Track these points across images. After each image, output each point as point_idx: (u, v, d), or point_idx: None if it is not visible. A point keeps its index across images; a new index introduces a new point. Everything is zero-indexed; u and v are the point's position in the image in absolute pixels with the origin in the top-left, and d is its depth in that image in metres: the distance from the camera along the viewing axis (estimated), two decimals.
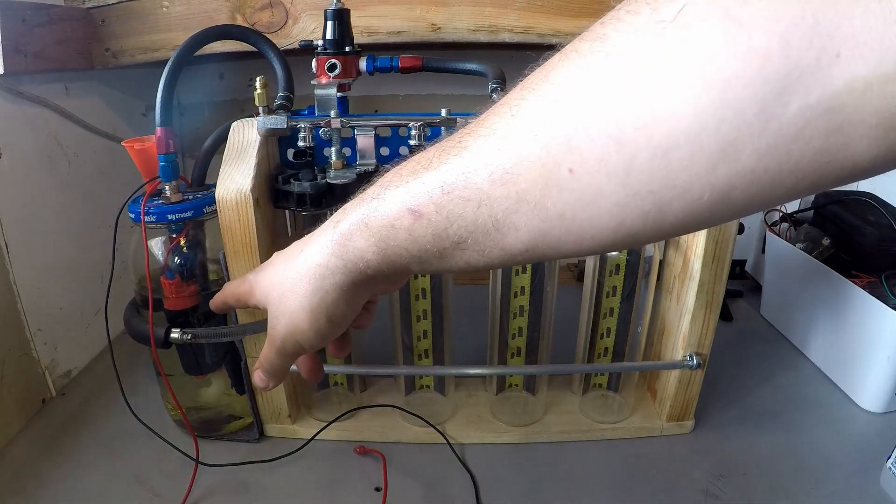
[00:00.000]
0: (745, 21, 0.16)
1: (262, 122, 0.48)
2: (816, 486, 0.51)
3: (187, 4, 0.67)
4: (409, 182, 0.24)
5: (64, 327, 0.65)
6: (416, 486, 0.52)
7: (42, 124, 0.63)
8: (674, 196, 0.19)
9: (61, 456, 0.55)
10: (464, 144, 0.23)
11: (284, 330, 0.31)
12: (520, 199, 0.21)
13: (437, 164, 0.24)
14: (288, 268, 0.30)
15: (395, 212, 0.25)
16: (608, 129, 0.19)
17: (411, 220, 0.24)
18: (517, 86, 0.23)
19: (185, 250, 0.51)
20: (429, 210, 0.24)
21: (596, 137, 0.19)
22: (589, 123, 0.19)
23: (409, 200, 0.24)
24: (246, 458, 0.54)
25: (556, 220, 0.21)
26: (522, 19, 0.65)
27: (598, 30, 0.20)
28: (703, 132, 0.17)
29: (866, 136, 0.16)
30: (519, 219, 0.22)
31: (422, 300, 0.54)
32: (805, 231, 0.77)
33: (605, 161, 0.19)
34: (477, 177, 0.22)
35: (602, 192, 0.20)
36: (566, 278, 0.94)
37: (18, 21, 0.57)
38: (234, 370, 0.54)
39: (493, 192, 0.22)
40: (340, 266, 0.28)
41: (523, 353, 0.57)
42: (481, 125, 0.23)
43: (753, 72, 0.16)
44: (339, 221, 0.28)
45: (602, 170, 0.19)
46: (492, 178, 0.22)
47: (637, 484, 0.52)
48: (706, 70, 0.17)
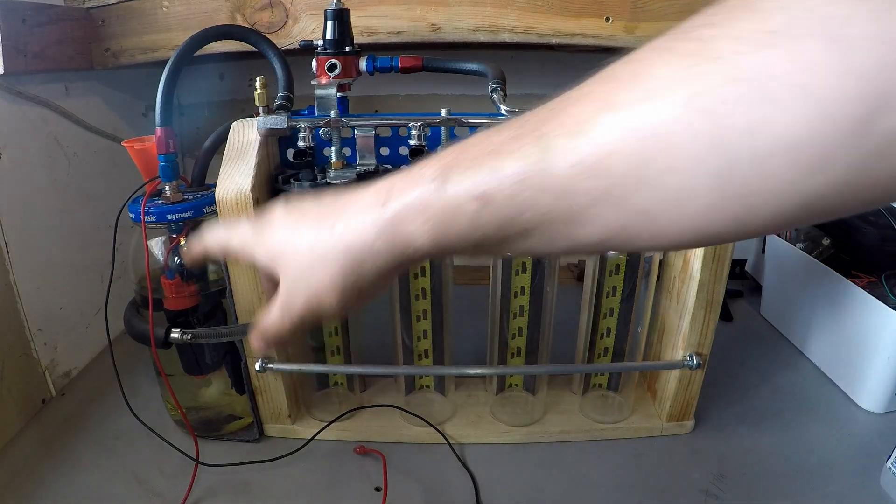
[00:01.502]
0: (850, 41, 0.16)
1: (262, 122, 0.48)
2: (816, 486, 0.51)
3: (187, 4, 0.67)
4: (478, 167, 0.23)
5: (64, 327, 0.65)
6: (416, 486, 0.52)
7: (42, 124, 0.63)
8: (764, 202, 0.19)
9: (61, 456, 0.55)
10: (542, 132, 0.22)
11: (307, 303, 0.29)
12: (604, 193, 0.21)
13: (510, 149, 0.22)
14: (317, 239, 0.28)
15: (459, 198, 0.23)
16: (711, 132, 0.18)
17: (478, 207, 0.23)
18: (597, 78, 0.22)
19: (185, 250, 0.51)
20: (499, 198, 0.22)
21: (697, 138, 0.19)
22: (691, 124, 0.19)
23: (477, 187, 0.23)
24: (246, 458, 0.54)
25: (639, 217, 0.21)
26: (522, 19, 0.65)
27: (696, 31, 0.19)
28: (801, 143, 0.18)
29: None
30: (598, 212, 0.21)
31: (422, 300, 0.54)
32: (805, 231, 0.77)
33: (704, 163, 0.19)
34: (559, 167, 0.21)
35: (694, 193, 0.19)
36: (566, 278, 0.94)
37: (18, 21, 0.57)
38: (234, 370, 0.54)
39: (575, 185, 0.21)
40: (386, 250, 0.26)
41: (523, 353, 0.57)
42: (562, 113, 0.22)
43: (854, 90, 0.16)
44: (387, 202, 0.25)
45: (700, 171, 0.19)
46: (576, 170, 0.21)
47: (637, 484, 0.52)
48: (810, 84, 0.17)
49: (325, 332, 0.57)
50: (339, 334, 0.57)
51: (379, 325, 0.58)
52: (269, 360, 0.52)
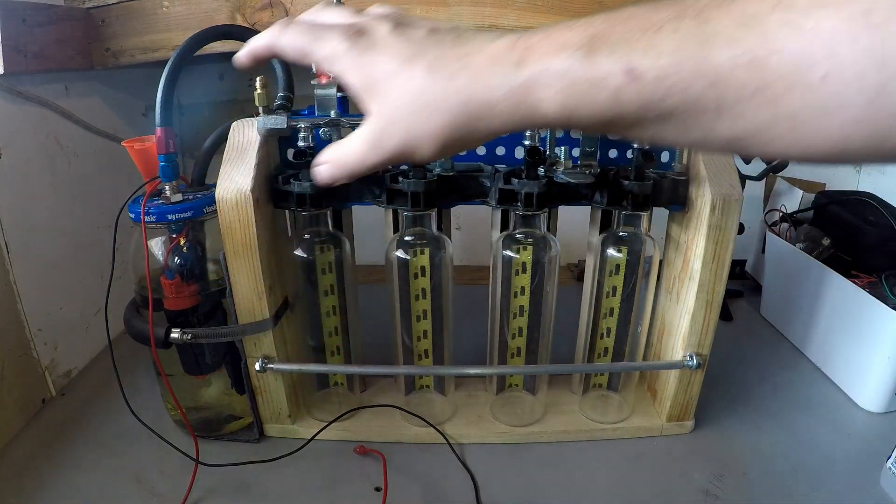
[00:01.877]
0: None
1: (262, 122, 0.48)
2: (816, 486, 0.51)
3: (187, 4, 0.67)
4: (632, 41, 0.22)
5: (64, 327, 0.65)
6: (416, 486, 0.52)
7: (42, 124, 0.63)
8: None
9: (61, 456, 0.55)
10: (706, 17, 0.21)
11: (401, 147, 0.27)
12: (758, 90, 0.20)
13: (672, 28, 0.21)
14: (431, 85, 0.26)
15: (605, 70, 0.22)
16: (875, 47, 0.18)
17: (623, 83, 0.22)
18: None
19: (185, 250, 0.51)
20: (649, 77, 0.21)
21: (861, 51, 0.19)
22: (858, 36, 0.19)
23: (629, 62, 0.22)
24: (246, 458, 0.54)
25: (784, 120, 0.21)
26: (522, 19, 0.65)
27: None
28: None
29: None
30: (746, 108, 0.21)
31: (422, 300, 0.54)
32: (805, 231, 0.77)
33: (862, 77, 0.19)
34: (720, 56, 0.20)
35: (845, 105, 0.19)
36: (566, 278, 0.94)
37: (18, 21, 0.57)
38: (234, 370, 0.54)
39: (732, 75, 0.20)
40: (508, 112, 0.24)
41: (523, 353, 0.57)
42: (731, 3, 0.21)
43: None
44: (522, 61, 0.24)
45: (855, 84, 0.19)
46: (737, 62, 0.20)
47: (637, 484, 0.52)
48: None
49: (325, 332, 0.57)
50: (339, 334, 0.57)
51: (379, 325, 0.58)
52: (268, 359, 0.52)
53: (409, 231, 0.52)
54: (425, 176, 0.49)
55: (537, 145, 0.48)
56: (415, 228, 0.52)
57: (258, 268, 0.49)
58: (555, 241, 0.53)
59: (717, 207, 0.47)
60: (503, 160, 0.54)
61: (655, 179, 0.49)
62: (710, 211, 0.47)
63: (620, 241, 0.53)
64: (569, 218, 0.56)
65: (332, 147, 0.31)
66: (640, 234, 0.53)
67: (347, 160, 0.30)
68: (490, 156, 0.54)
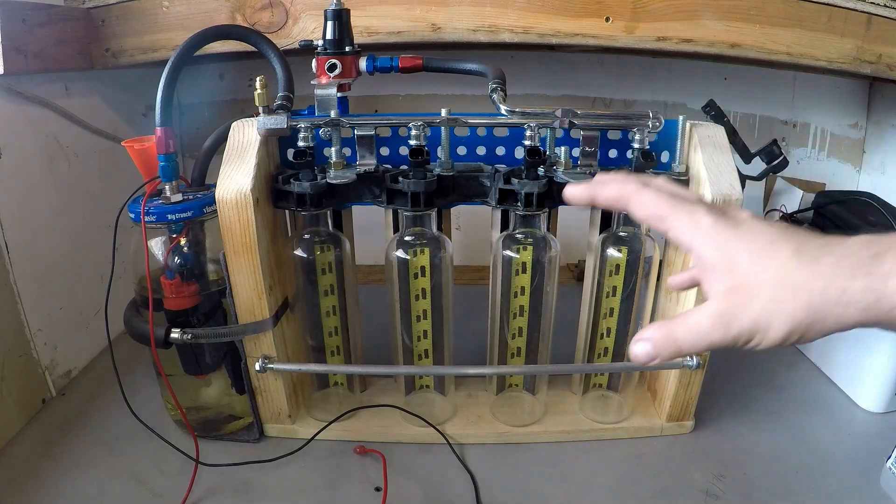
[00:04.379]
0: None
1: (262, 122, 0.48)
2: (816, 486, 0.51)
3: (187, 4, 0.67)
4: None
5: (64, 327, 0.65)
6: (416, 486, 0.52)
7: (42, 124, 0.63)
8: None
9: (61, 456, 0.55)
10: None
11: (752, 326, 0.27)
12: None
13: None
14: (794, 266, 0.26)
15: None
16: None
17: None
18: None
19: (185, 250, 0.51)
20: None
21: None
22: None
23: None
24: (246, 458, 0.54)
25: None
26: (522, 19, 0.65)
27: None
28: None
29: None
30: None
31: (422, 300, 0.54)
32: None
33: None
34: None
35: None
36: (566, 278, 0.94)
37: (18, 21, 0.57)
38: (234, 370, 0.54)
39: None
40: (865, 302, 0.25)
41: (523, 353, 0.57)
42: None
43: None
44: (880, 255, 0.26)
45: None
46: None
47: (637, 484, 0.52)
48: None
49: (325, 332, 0.57)
50: (339, 334, 0.57)
51: (379, 325, 0.58)
52: (268, 359, 0.52)
53: (409, 231, 0.52)
54: (425, 176, 0.49)
55: (537, 145, 0.48)
56: (415, 228, 0.52)
57: (258, 268, 0.49)
58: (555, 241, 0.53)
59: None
60: (503, 160, 0.54)
61: None
62: None
63: (620, 241, 0.53)
64: (569, 218, 0.56)
65: (659, 324, 0.30)
66: (640, 234, 0.53)
67: (685, 336, 0.29)
68: (490, 156, 0.55)
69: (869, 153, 0.95)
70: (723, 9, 0.65)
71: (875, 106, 0.92)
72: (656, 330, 0.30)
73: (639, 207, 0.32)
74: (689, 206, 0.30)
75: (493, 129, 0.53)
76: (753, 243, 0.28)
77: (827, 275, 0.26)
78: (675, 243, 0.31)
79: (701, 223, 0.29)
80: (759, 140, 0.87)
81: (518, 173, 0.50)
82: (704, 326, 0.28)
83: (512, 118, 0.49)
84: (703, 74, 0.91)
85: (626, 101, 0.94)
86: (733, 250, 0.28)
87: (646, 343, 0.30)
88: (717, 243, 0.29)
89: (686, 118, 0.49)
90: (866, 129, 0.95)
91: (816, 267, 0.26)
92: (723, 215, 0.30)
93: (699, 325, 0.28)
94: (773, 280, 0.27)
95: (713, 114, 0.75)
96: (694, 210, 0.30)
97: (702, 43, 0.66)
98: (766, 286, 0.27)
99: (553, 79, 0.92)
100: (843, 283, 0.26)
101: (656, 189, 0.32)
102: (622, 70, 0.92)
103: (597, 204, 0.34)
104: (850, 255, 0.26)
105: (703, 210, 0.30)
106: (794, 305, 0.26)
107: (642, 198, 0.31)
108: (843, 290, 0.26)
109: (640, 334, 0.30)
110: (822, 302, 0.26)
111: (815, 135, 0.96)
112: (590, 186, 0.34)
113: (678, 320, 0.29)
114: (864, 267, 0.25)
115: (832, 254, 0.26)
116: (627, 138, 0.51)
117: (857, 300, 0.25)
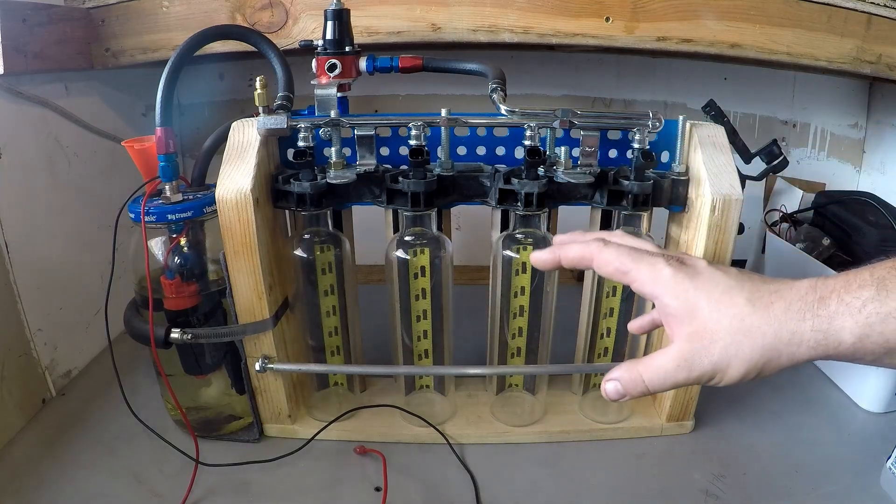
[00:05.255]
0: None
1: (262, 122, 0.48)
2: (816, 486, 0.51)
3: (187, 4, 0.67)
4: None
5: (64, 327, 0.65)
6: (416, 486, 0.52)
7: (42, 124, 0.63)
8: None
9: (61, 456, 0.55)
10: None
11: (712, 367, 0.30)
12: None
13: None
14: (750, 312, 0.29)
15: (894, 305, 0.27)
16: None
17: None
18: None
19: (185, 250, 0.51)
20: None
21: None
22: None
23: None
24: (246, 458, 0.54)
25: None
26: (522, 19, 0.65)
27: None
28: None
29: None
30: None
31: (422, 300, 0.54)
32: (805, 231, 0.77)
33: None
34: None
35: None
36: (566, 278, 0.94)
37: (18, 21, 0.57)
38: (234, 370, 0.54)
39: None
40: (814, 340, 0.28)
41: (523, 353, 0.57)
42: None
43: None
44: (825, 298, 0.28)
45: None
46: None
47: (637, 484, 0.52)
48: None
49: (325, 332, 0.57)
50: (339, 334, 0.57)
51: (379, 325, 0.58)
52: (268, 359, 0.52)
53: (409, 231, 0.52)
54: (425, 176, 0.49)
55: (537, 145, 0.48)
56: (415, 228, 0.52)
57: (258, 268, 0.49)
58: None
59: (716, 207, 0.47)
60: (503, 160, 0.54)
61: (655, 179, 0.49)
62: (710, 211, 0.47)
63: None
64: (569, 218, 0.56)
65: (628, 364, 0.33)
66: (641, 234, 0.53)
67: (651, 377, 0.31)
68: (490, 156, 0.55)
69: (869, 153, 0.95)
70: (723, 9, 0.65)
71: (875, 106, 0.93)
72: (625, 371, 0.32)
73: (602, 264, 0.34)
74: (649, 258, 0.33)
75: (493, 129, 0.53)
76: (711, 292, 0.31)
77: (779, 318, 0.29)
78: (639, 293, 0.34)
79: (661, 274, 0.32)
80: (759, 140, 0.87)
81: (518, 173, 0.50)
82: (670, 368, 0.31)
83: (512, 118, 0.49)
84: (703, 74, 0.91)
85: (626, 101, 0.94)
86: (693, 299, 0.31)
87: (615, 383, 0.33)
88: (678, 292, 0.31)
89: (686, 118, 0.49)
90: (866, 129, 0.95)
91: (769, 312, 0.29)
92: (681, 265, 0.32)
93: (665, 368, 0.31)
94: (730, 326, 0.30)
95: (713, 114, 0.75)
96: (654, 262, 0.33)
97: (702, 43, 0.66)
98: (725, 331, 0.30)
99: (553, 79, 0.92)
100: (794, 325, 0.28)
101: (616, 246, 0.34)
102: (622, 70, 0.92)
103: (563, 265, 0.37)
104: (798, 299, 0.29)
105: (662, 262, 0.32)
106: (750, 348, 0.29)
107: (604, 256, 0.34)
108: (793, 332, 0.28)
109: (610, 374, 0.33)
110: (776, 343, 0.29)
111: (815, 135, 0.96)
112: (553, 250, 0.37)
113: (645, 362, 0.32)
114: (812, 310, 0.28)
115: (782, 299, 0.29)
116: (627, 138, 0.51)
117: (806, 340, 0.28)
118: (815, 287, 0.29)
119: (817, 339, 0.28)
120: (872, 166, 0.94)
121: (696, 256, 0.34)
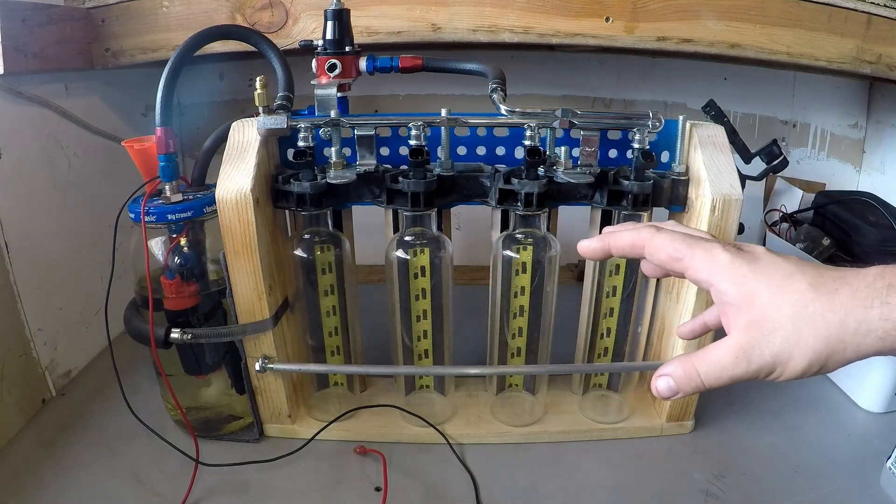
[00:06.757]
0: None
1: (262, 122, 0.48)
2: (816, 486, 0.51)
3: (187, 4, 0.67)
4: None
5: (64, 327, 0.65)
6: (416, 486, 0.52)
7: (42, 124, 0.63)
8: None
9: (61, 456, 0.55)
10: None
11: (773, 359, 0.28)
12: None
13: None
14: (813, 298, 0.27)
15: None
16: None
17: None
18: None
19: (185, 250, 0.51)
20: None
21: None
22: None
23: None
24: (246, 458, 0.54)
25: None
26: (522, 19, 0.65)
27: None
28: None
29: None
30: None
31: (422, 300, 0.54)
32: (805, 231, 0.77)
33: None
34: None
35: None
36: (566, 278, 0.94)
37: (18, 21, 0.57)
38: (234, 370, 0.54)
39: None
40: (882, 329, 0.26)
41: (523, 353, 0.57)
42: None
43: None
44: (893, 285, 0.26)
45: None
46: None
47: (637, 484, 0.52)
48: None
49: (325, 332, 0.57)
50: (338, 334, 0.57)
51: (379, 325, 0.58)
52: (268, 359, 0.52)
53: (409, 231, 0.52)
54: (425, 176, 0.49)
55: (537, 145, 0.48)
56: (415, 228, 0.52)
57: (258, 268, 0.49)
58: (555, 241, 0.53)
59: (716, 207, 0.47)
60: (503, 160, 0.54)
61: (655, 179, 0.49)
62: (710, 211, 0.47)
63: None
64: (569, 218, 0.56)
65: (681, 359, 0.30)
66: None
67: (707, 371, 0.29)
68: (490, 156, 0.55)
69: (869, 153, 0.95)
70: (723, 9, 0.65)
71: (875, 106, 0.93)
72: (678, 365, 0.30)
73: (655, 251, 0.32)
74: (705, 244, 0.31)
75: (493, 129, 0.53)
76: (772, 278, 0.29)
77: (845, 305, 0.27)
78: (694, 282, 0.32)
79: (718, 260, 0.30)
80: (759, 140, 0.87)
81: (518, 173, 0.50)
82: (727, 361, 0.29)
83: (512, 118, 0.49)
84: (703, 74, 0.91)
85: (626, 101, 0.94)
86: (752, 285, 0.29)
87: (668, 378, 0.31)
88: (736, 279, 0.29)
89: (686, 118, 0.49)
90: (866, 129, 0.95)
91: (834, 299, 0.27)
92: (739, 251, 0.30)
93: (722, 361, 0.29)
94: (792, 313, 0.27)
95: (713, 114, 0.75)
96: (710, 248, 0.31)
97: (702, 43, 0.66)
98: (786, 319, 0.27)
99: (553, 79, 0.92)
100: (861, 313, 0.26)
101: (669, 232, 0.32)
102: (622, 70, 0.92)
103: (612, 254, 0.35)
104: (866, 286, 0.27)
105: (719, 247, 0.30)
106: (814, 337, 0.27)
107: (657, 242, 0.32)
108: (860, 320, 0.26)
109: (662, 369, 0.31)
110: (841, 333, 0.27)
111: (815, 135, 0.96)
112: (602, 238, 0.35)
113: (700, 356, 0.30)
114: (880, 297, 0.26)
115: (848, 285, 0.27)
116: (627, 138, 0.51)
117: (874, 329, 0.26)
118: (883, 274, 0.27)
119: (886, 328, 0.26)
120: (872, 166, 0.94)
121: (754, 244, 0.32)
